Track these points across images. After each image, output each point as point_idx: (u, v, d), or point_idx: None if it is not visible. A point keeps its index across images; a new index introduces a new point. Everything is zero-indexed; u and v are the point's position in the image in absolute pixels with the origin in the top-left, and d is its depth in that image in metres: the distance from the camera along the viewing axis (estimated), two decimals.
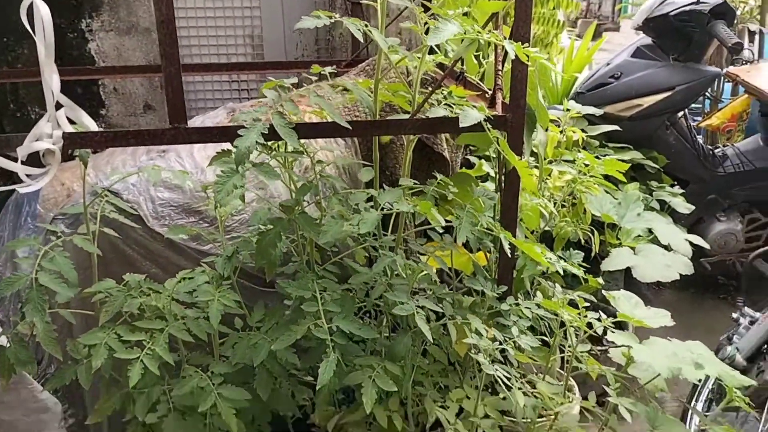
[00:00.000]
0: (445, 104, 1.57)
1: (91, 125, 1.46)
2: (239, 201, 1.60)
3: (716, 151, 3.29)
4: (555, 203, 2.10)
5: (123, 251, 1.89)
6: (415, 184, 1.55)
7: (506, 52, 1.63)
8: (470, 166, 2.47)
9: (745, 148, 3.29)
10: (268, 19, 2.92)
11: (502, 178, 1.59)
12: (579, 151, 2.19)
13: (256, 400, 1.57)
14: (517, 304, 1.58)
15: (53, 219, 1.87)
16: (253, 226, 1.59)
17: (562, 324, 1.63)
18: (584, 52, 3.83)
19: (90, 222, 1.68)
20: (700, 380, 1.44)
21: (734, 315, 2.27)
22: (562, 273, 1.70)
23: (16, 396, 1.77)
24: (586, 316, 1.55)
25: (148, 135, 1.40)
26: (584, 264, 2.24)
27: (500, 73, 1.58)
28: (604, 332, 1.60)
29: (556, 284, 1.95)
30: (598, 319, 1.56)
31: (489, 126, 1.45)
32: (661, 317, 1.60)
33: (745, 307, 2.26)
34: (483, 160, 2.40)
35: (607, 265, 2.33)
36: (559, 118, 2.92)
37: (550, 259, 1.64)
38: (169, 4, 1.32)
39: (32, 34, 1.34)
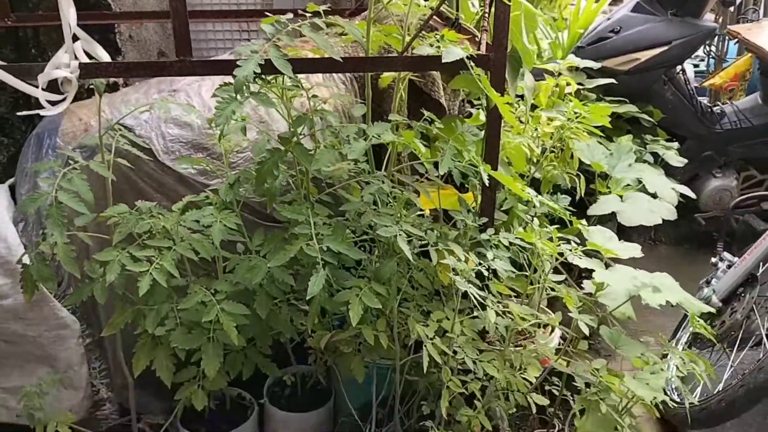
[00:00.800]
0: (436, 46, 1.68)
1: (105, 57, 1.58)
2: (242, 134, 1.74)
3: (714, 108, 3.35)
4: (543, 149, 2.20)
5: (136, 183, 2.03)
6: (403, 120, 1.66)
7: None
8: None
9: (744, 105, 3.35)
10: None
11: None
12: (570, 101, 2.28)
13: (256, 319, 1.72)
14: (496, 234, 1.70)
15: (73, 151, 2.01)
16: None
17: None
18: (590, 7, 3.86)
19: (105, 153, 1.81)
20: (660, 305, 1.55)
21: (713, 260, 2.38)
22: (543, 211, 1.81)
23: (38, 312, 1.94)
24: (558, 245, 1.68)
25: (156, 66, 1.53)
26: (571, 209, 2.35)
27: (486, 15, 1.67)
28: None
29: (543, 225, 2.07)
30: (570, 250, 1.68)
31: (472, 64, 1.55)
32: (631, 249, 1.72)
33: (724, 252, 2.37)
34: (481, 110, 2.50)
35: (594, 210, 2.44)
36: (557, 69, 3.01)
37: (530, 194, 1.75)
38: None
39: None
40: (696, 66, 4.44)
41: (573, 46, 3.33)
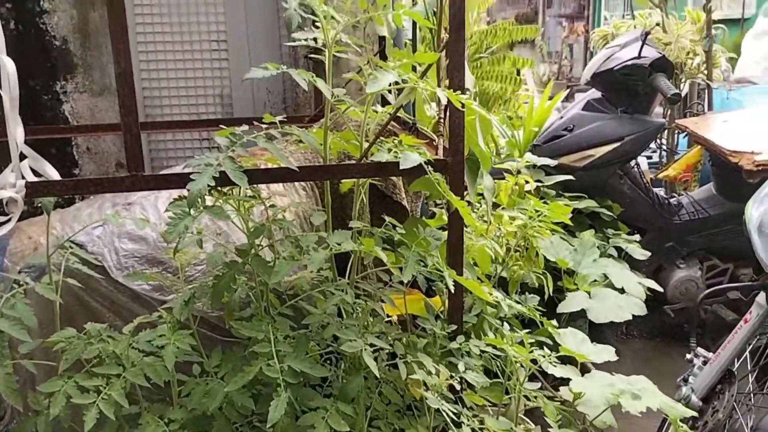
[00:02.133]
0: (394, 151, 1.67)
1: (54, 175, 1.53)
2: (198, 248, 1.68)
3: (671, 200, 3.42)
4: (508, 249, 2.18)
5: (87, 303, 1.93)
6: (365, 227, 1.62)
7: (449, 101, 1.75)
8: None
9: (699, 196, 3.42)
10: (237, 79, 3.04)
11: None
12: (530, 199, 2.29)
13: None
14: (466, 342, 1.63)
15: (19, 271, 1.91)
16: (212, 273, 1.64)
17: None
18: (544, 106, 3.99)
19: (54, 273, 1.72)
20: (642, 412, 1.48)
21: (688, 356, 2.33)
22: (508, 312, 1.76)
23: None
24: (531, 352, 1.61)
25: (107, 182, 1.47)
26: (540, 308, 2.31)
27: (442, 120, 1.68)
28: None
29: (513, 328, 2.01)
30: (543, 356, 1.61)
31: (430, 169, 1.54)
32: (605, 353, 1.66)
33: (698, 348, 2.32)
34: (444, 210, 2.49)
35: (562, 307, 2.40)
36: (515, 168, 3.05)
37: (497, 298, 1.70)
38: (127, 57, 1.41)
39: None
40: (650, 158, 4.58)
41: (529, 144, 3.41)
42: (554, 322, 2.21)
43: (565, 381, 1.75)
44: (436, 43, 1.65)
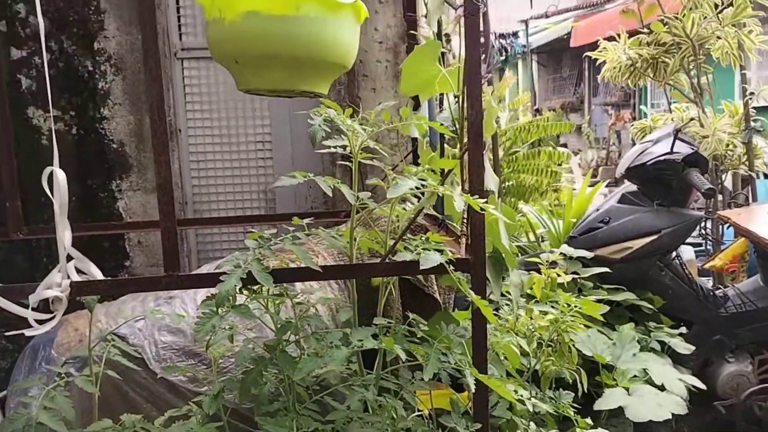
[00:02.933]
0: (417, 251, 1.73)
1: (98, 274, 1.64)
2: (228, 342, 1.75)
3: (717, 291, 3.34)
4: (540, 343, 2.18)
5: (126, 393, 2.02)
6: (389, 323, 1.67)
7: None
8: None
9: (746, 288, 3.33)
10: (280, 176, 3.20)
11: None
12: (562, 293, 2.29)
13: None
14: None
15: (64, 362, 2.01)
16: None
17: None
18: (583, 196, 4.02)
19: (96, 365, 1.82)
20: None
21: None
22: (531, 410, 1.74)
23: None
24: None
25: (145, 282, 1.58)
26: (575, 405, 2.27)
27: (465, 219, 1.74)
28: None
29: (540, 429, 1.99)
30: None
31: (452, 268, 1.59)
32: None
33: None
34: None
35: (600, 404, 2.35)
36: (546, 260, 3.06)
37: (521, 396, 1.70)
38: (167, 168, 1.54)
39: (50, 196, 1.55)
40: (698, 246, 4.51)
41: (567, 235, 3.42)
42: (589, 420, 2.17)
43: None
44: (460, 148, 1.73)
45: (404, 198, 2.02)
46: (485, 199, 1.56)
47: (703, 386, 2.53)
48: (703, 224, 3.96)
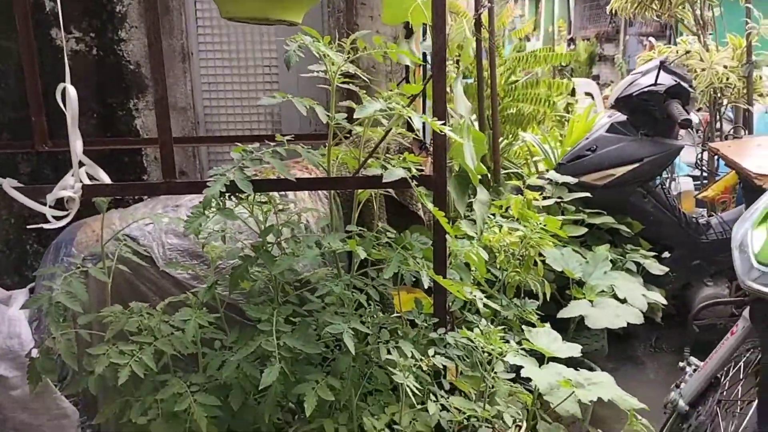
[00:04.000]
0: (394, 165, 1.94)
1: (105, 179, 1.88)
2: (222, 243, 2.00)
3: (700, 220, 3.50)
4: (510, 256, 2.39)
5: (138, 287, 2.29)
6: (361, 230, 1.90)
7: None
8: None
9: (729, 217, 3.49)
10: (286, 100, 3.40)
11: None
12: (531, 213, 2.50)
13: (231, 411, 1.89)
14: (446, 334, 1.87)
15: (83, 258, 2.29)
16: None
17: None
18: (582, 127, 4.15)
19: (109, 260, 2.08)
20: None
21: (681, 364, 2.47)
22: (509, 314, 1.97)
23: (42, 403, 2.15)
24: (507, 342, 1.83)
25: (146, 187, 1.81)
26: (540, 312, 2.50)
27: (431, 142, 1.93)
28: None
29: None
30: (508, 351, 1.82)
31: (415, 183, 1.79)
32: (571, 349, 1.86)
33: (691, 357, 2.45)
34: (463, 221, 2.73)
35: (563, 313, 2.58)
36: (543, 185, 3.25)
37: (474, 296, 1.92)
38: (163, 86, 1.74)
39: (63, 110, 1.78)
40: (695, 178, 4.63)
41: None
42: (548, 325, 2.41)
43: None
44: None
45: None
46: (443, 121, 1.75)
47: (663, 301, 2.74)
48: (699, 156, 4.08)
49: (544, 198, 3.17)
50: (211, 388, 1.90)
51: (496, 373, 1.86)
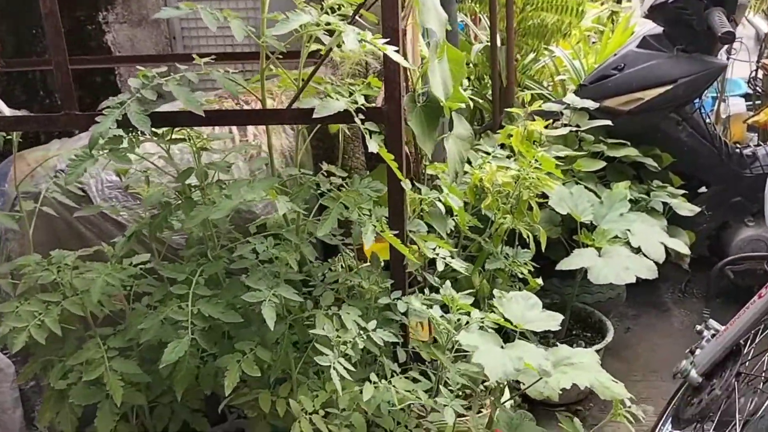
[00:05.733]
0: (362, 93, 1.60)
1: (5, 111, 1.60)
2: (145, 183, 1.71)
3: (745, 150, 3.03)
4: (500, 199, 2.04)
5: (78, 229, 2.04)
6: (303, 173, 1.58)
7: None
8: None
9: None
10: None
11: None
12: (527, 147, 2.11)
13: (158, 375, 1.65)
14: (398, 299, 1.57)
15: (16, 196, 2.05)
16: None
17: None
18: (618, 39, 3.64)
19: (30, 201, 1.83)
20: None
21: (698, 327, 2.12)
22: (439, 269, 1.64)
23: None
24: (466, 314, 1.51)
25: (42, 120, 1.52)
26: (535, 264, 2.17)
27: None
28: None
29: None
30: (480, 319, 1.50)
31: (361, 117, 1.45)
32: (550, 321, 1.53)
33: (710, 320, 2.10)
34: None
35: (563, 264, 2.23)
36: (560, 111, 2.83)
37: (437, 254, 1.60)
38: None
39: None
40: (749, 98, 4.09)
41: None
42: (540, 280, 2.08)
43: None
44: None
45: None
46: (390, 39, 1.37)
47: (686, 251, 2.35)
48: (752, 74, 3.53)
49: (562, 125, 2.75)
50: (134, 353, 1.67)
51: (454, 346, 1.55)
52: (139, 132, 1.47)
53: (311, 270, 1.66)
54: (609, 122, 2.66)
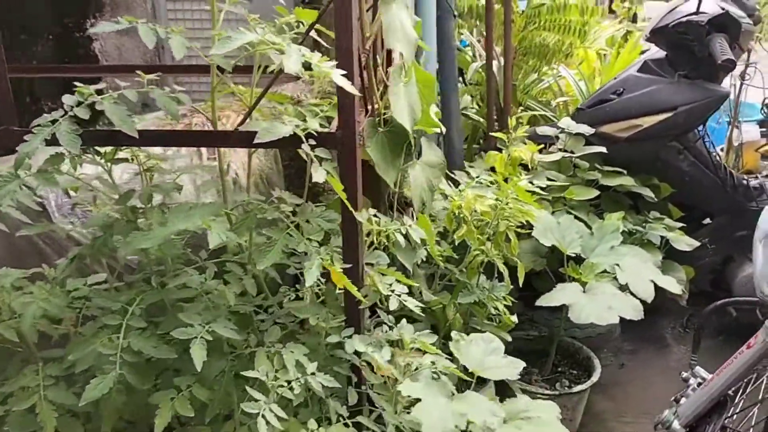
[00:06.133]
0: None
1: None
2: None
3: (752, 182, 2.88)
4: (477, 229, 1.93)
5: (36, 245, 1.97)
6: (251, 201, 1.48)
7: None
8: None
9: None
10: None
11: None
12: (520, 174, 2.00)
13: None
14: (349, 337, 1.46)
15: None
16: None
17: None
18: (625, 60, 3.52)
19: None
20: None
21: (683, 374, 1.98)
22: (391, 307, 1.52)
23: None
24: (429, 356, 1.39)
25: None
26: (513, 299, 2.05)
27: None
28: None
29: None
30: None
31: (312, 144, 1.35)
32: (510, 368, 1.41)
33: (697, 367, 1.96)
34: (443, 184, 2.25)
35: (543, 300, 2.11)
36: (556, 134, 2.71)
37: (392, 291, 1.48)
38: None
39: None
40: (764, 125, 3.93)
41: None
42: (514, 318, 1.96)
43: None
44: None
45: None
46: (342, 62, 1.27)
47: (676, 290, 2.20)
48: (766, 100, 3.38)
49: (558, 150, 2.63)
50: (80, 379, 1.57)
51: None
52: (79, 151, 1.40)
53: (265, 301, 1.56)
54: (603, 149, 2.53)
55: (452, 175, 2.23)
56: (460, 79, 3.28)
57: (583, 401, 2.38)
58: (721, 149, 3.85)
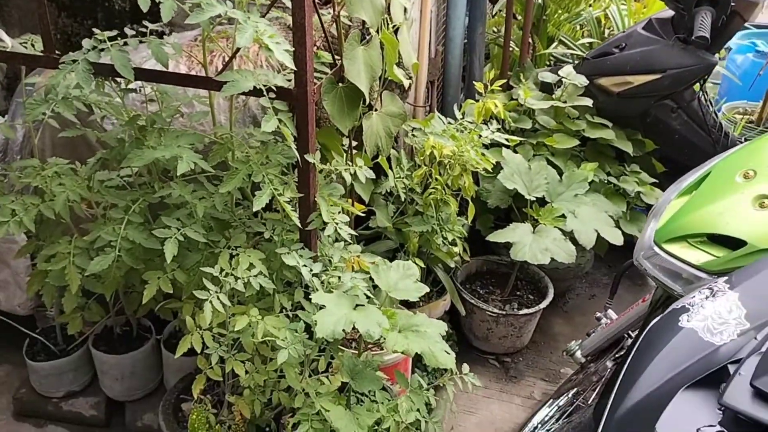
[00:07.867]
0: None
1: (6, 40, 1.95)
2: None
3: (745, 140, 2.99)
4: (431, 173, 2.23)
5: (89, 141, 2.42)
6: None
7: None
8: None
9: None
10: None
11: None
12: (490, 123, 2.27)
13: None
14: (296, 251, 1.85)
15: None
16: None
17: None
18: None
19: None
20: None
21: (597, 314, 2.29)
22: (332, 235, 1.88)
23: None
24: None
25: (30, 58, 1.86)
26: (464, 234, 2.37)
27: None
28: None
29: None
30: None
31: (272, 96, 1.68)
32: (415, 291, 1.78)
33: (609, 310, 2.26)
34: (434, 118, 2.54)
35: (493, 236, 2.42)
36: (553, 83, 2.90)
37: (333, 217, 1.84)
38: None
39: None
40: None
41: None
42: (457, 249, 2.29)
43: None
44: None
45: None
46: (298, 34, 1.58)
47: (619, 242, 2.46)
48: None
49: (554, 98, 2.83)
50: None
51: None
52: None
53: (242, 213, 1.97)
54: (589, 102, 2.72)
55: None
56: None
57: (530, 322, 2.73)
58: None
